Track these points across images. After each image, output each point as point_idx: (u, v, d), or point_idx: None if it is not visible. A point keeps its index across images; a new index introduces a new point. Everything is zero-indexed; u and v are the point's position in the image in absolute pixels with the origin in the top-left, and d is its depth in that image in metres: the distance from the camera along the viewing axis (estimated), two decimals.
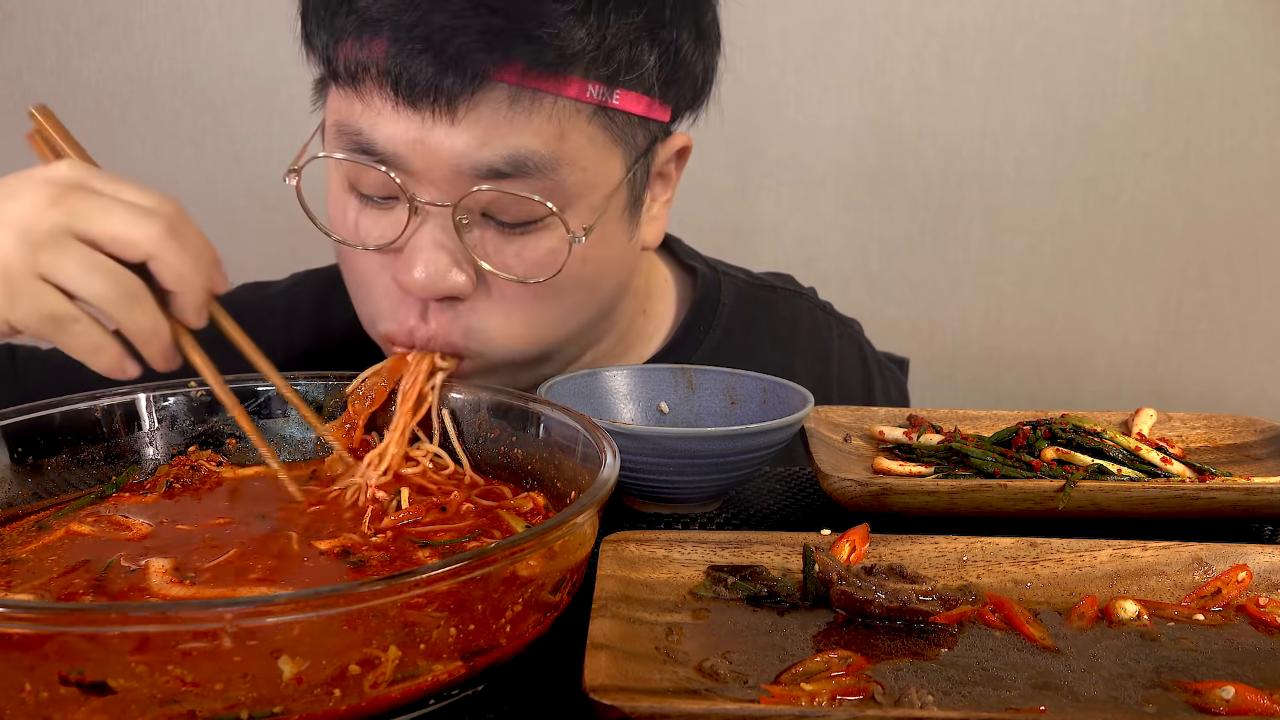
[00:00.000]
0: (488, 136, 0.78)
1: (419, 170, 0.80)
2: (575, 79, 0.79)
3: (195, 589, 0.59)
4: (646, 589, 0.63)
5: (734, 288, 1.11)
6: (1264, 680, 0.56)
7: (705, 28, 0.89)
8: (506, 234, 0.83)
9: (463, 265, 0.82)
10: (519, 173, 0.79)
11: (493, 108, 0.78)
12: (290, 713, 0.46)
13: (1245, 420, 0.92)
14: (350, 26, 0.78)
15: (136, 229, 0.67)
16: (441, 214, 0.81)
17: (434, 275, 0.81)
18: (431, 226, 0.81)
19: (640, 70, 0.82)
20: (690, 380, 0.92)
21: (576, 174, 0.82)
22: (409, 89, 0.77)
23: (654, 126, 0.88)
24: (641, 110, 0.84)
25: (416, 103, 0.77)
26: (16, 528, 0.67)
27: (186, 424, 0.78)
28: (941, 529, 0.70)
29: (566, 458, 0.71)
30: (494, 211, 0.82)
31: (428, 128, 0.78)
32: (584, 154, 0.82)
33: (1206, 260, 1.92)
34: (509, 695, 0.56)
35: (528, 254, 0.83)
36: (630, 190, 0.88)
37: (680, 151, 0.95)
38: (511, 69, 0.77)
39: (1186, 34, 1.82)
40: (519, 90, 0.78)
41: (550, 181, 0.81)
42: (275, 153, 1.89)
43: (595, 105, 0.81)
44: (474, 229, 0.82)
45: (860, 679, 0.54)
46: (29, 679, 0.45)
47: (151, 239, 0.67)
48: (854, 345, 1.18)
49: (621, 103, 0.82)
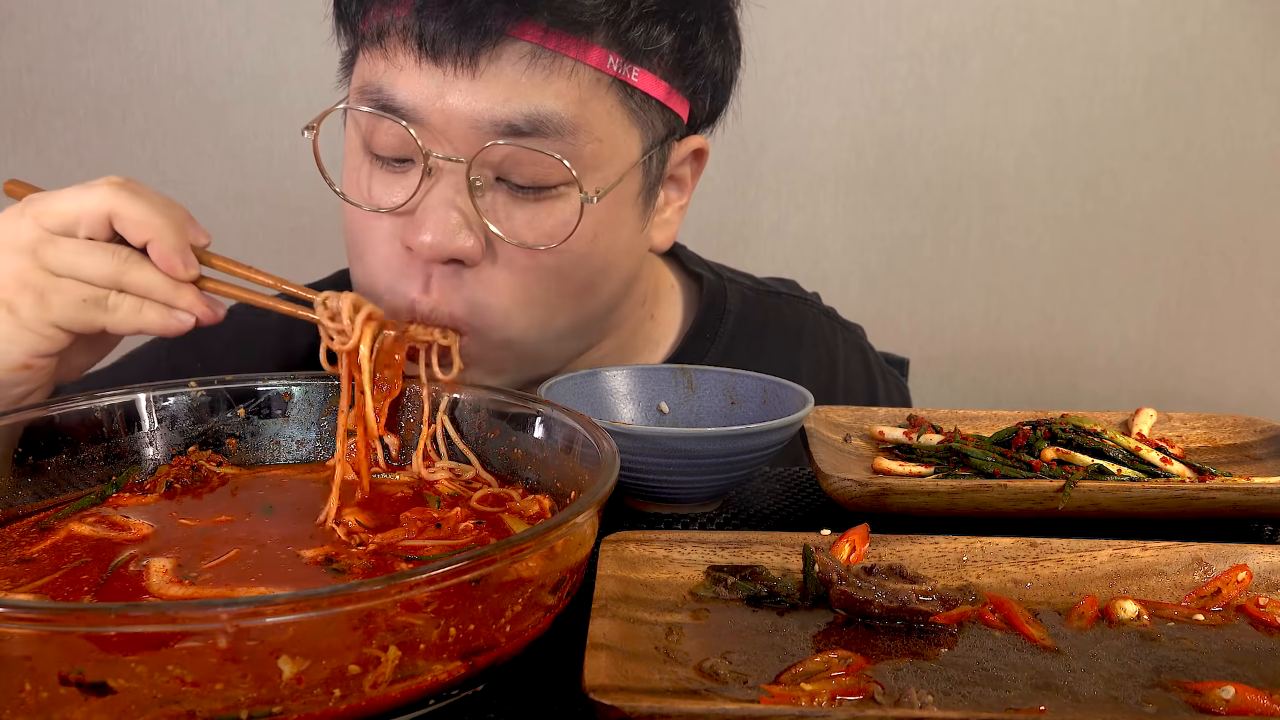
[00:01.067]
0: (509, 93, 0.80)
1: (437, 126, 0.81)
2: (597, 47, 0.81)
3: (194, 589, 0.59)
4: (646, 589, 0.63)
5: (739, 294, 1.11)
6: (1264, 680, 0.56)
7: (724, 25, 0.90)
8: (519, 199, 0.84)
9: (473, 228, 0.83)
10: (537, 132, 0.81)
11: (514, 65, 0.79)
12: (290, 712, 0.46)
13: (1245, 420, 0.92)
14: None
15: (85, 197, 0.74)
16: (455, 173, 0.82)
17: (443, 236, 0.81)
18: (444, 186, 0.82)
19: (658, 48, 0.84)
20: (690, 380, 0.92)
21: (593, 143, 0.83)
22: (431, 44, 0.79)
23: (671, 118, 0.89)
24: (660, 95, 0.86)
25: (438, 57, 0.79)
26: (17, 528, 0.67)
27: (186, 424, 0.78)
28: (941, 529, 0.70)
29: (566, 458, 0.70)
30: (508, 172, 0.83)
31: (449, 83, 0.80)
32: (601, 124, 0.83)
33: (1206, 260, 1.92)
34: (509, 695, 0.56)
35: (539, 221, 0.84)
36: (645, 176, 0.89)
37: (696, 153, 0.96)
38: (533, 27, 0.79)
39: (1186, 34, 1.82)
40: (540, 50, 0.80)
41: (567, 145, 0.82)
42: (275, 153, 1.89)
43: (614, 78, 0.83)
44: (486, 192, 0.83)
45: (860, 679, 0.54)
46: (29, 679, 0.45)
47: (102, 195, 0.73)
48: (858, 351, 1.19)
49: (640, 82, 0.84)
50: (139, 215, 0.74)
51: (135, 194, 0.74)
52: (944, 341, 1.97)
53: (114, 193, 0.74)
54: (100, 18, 1.84)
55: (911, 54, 1.85)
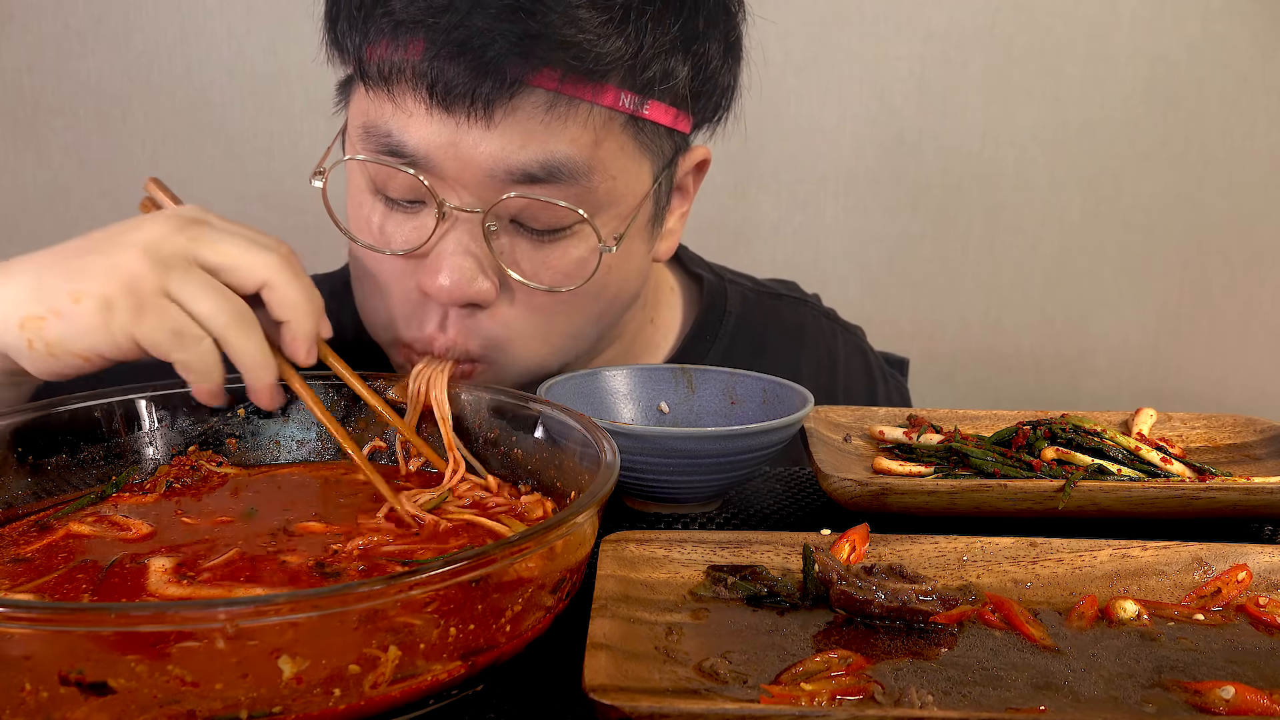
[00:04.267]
0: (524, 141, 0.78)
1: (451, 174, 0.79)
2: (611, 87, 0.79)
3: (194, 589, 0.59)
4: (646, 589, 0.63)
5: (740, 296, 1.11)
6: (1264, 680, 0.56)
7: (733, 43, 0.89)
8: (534, 242, 0.83)
9: (488, 272, 0.82)
10: (552, 178, 0.79)
11: (529, 113, 0.77)
12: (290, 712, 0.46)
13: (1245, 420, 0.92)
14: (385, 28, 0.78)
15: (254, 255, 0.70)
16: (470, 220, 0.81)
17: (460, 282, 0.81)
18: (459, 232, 0.81)
19: (673, 82, 0.82)
20: (690, 380, 0.92)
21: (607, 182, 0.82)
22: (445, 93, 0.76)
23: (677, 138, 0.88)
24: (669, 121, 0.85)
25: (452, 106, 0.77)
26: (17, 528, 0.67)
27: (186, 424, 0.78)
28: (941, 529, 0.70)
29: (566, 458, 0.70)
30: (524, 219, 0.82)
31: (462, 131, 0.78)
32: (615, 162, 0.82)
33: (1206, 260, 1.92)
34: (509, 695, 0.56)
35: (555, 263, 0.83)
36: (655, 202, 0.89)
37: (699, 165, 0.95)
38: (549, 75, 0.76)
39: (1186, 34, 1.82)
40: (556, 96, 0.77)
41: (582, 188, 0.80)
42: (275, 153, 1.89)
43: (628, 115, 0.81)
44: (501, 236, 0.82)
45: (860, 679, 0.54)
46: (29, 679, 0.45)
47: (268, 265, 0.70)
48: (858, 353, 1.19)
49: (651, 113, 0.82)
50: (292, 298, 0.71)
51: (297, 275, 0.72)
52: (944, 341, 1.97)
53: (281, 266, 0.71)
54: (100, 18, 1.84)
55: (911, 54, 1.85)
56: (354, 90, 0.85)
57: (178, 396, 0.77)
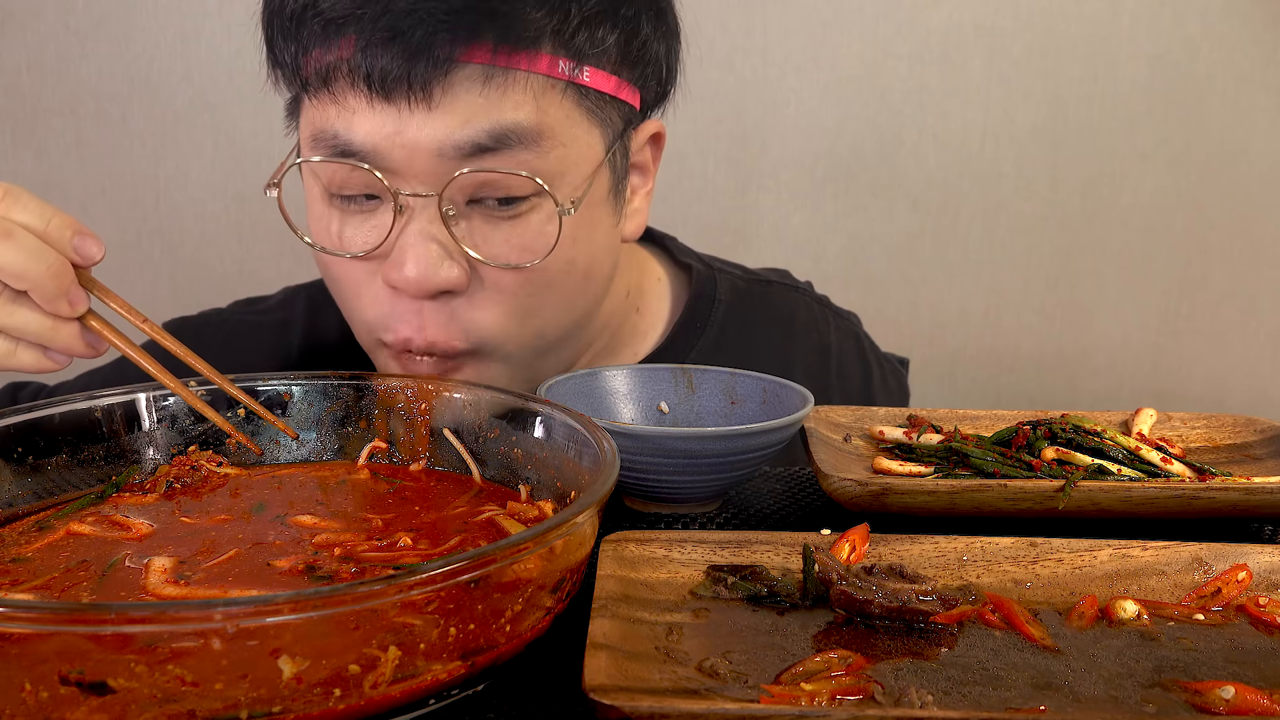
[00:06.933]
0: (468, 117, 0.79)
1: (400, 163, 0.80)
2: (544, 54, 0.80)
3: (193, 589, 0.59)
4: (646, 589, 0.63)
5: (730, 284, 1.11)
6: (1264, 680, 0.56)
7: (662, 11, 0.91)
8: (494, 220, 0.83)
9: (455, 257, 0.82)
10: (502, 145, 0.80)
11: (467, 88, 0.79)
12: (290, 712, 0.46)
13: (1245, 420, 0.92)
14: (316, 30, 0.79)
15: None
16: (427, 207, 0.81)
17: (426, 270, 0.81)
18: (419, 221, 0.82)
19: (604, 48, 0.84)
20: (690, 380, 0.92)
21: (558, 149, 0.82)
22: (381, 82, 0.77)
23: (626, 109, 0.89)
24: (611, 89, 0.86)
25: (390, 94, 0.78)
26: (17, 528, 0.67)
27: (186, 424, 0.78)
28: (941, 529, 0.70)
29: (566, 458, 0.70)
30: (480, 195, 0.82)
31: (405, 118, 0.79)
32: (563, 129, 0.83)
33: (1206, 260, 1.92)
34: (509, 695, 0.56)
35: (517, 238, 0.84)
36: (612, 172, 0.89)
37: (654, 138, 0.96)
38: (480, 49, 0.78)
39: (1186, 34, 1.82)
40: (490, 69, 0.79)
41: (533, 155, 0.81)
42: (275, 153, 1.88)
43: (567, 81, 0.82)
44: (461, 220, 0.83)
45: (860, 679, 0.54)
46: (29, 679, 0.45)
47: None
48: (852, 338, 1.18)
49: (592, 80, 0.84)
50: (14, 268, 0.67)
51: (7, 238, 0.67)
52: (944, 341, 1.97)
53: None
54: (100, 18, 1.84)
55: (911, 54, 1.85)
56: (301, 107, 0.86)
57: (177, 396, 0.77)
